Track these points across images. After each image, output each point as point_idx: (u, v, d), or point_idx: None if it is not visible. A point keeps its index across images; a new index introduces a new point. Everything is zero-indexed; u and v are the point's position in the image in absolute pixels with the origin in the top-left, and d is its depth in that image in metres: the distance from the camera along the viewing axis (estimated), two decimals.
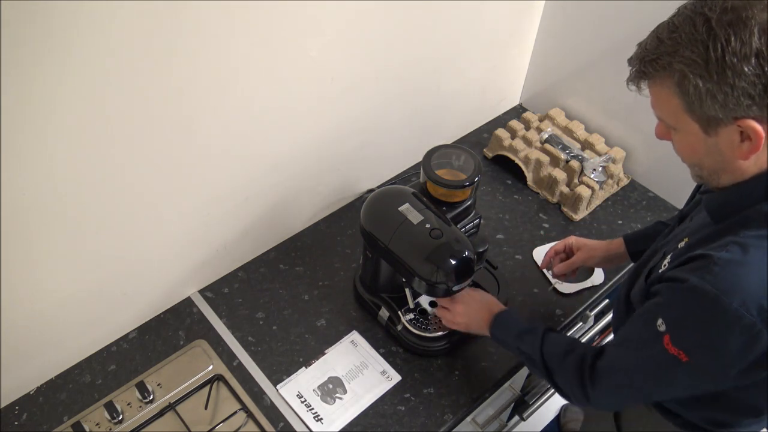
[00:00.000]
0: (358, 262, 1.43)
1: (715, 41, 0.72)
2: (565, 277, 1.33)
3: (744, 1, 0.72)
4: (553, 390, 1.54)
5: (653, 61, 0.78)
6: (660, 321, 0.85)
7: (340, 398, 1.23)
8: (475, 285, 1.38)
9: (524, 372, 1.46)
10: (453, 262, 1.12)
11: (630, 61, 0.84)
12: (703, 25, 0.73)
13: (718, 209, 0.87)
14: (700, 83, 0.74)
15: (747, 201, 0.83)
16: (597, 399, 0.98)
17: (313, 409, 1.21)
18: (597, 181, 1.57)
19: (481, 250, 1.21)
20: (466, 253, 1.13)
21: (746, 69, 0.71)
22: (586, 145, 1.67)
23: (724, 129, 0.78)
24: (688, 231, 0.95)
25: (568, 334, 1.48)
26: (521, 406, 1.57)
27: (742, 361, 0.81)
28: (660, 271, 0.91)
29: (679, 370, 0.85)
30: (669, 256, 0.92)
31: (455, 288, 1.15)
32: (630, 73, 0.84)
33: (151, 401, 1.21)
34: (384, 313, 1.31)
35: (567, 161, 1.60)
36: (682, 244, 0.92)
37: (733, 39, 0.71)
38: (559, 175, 1.58)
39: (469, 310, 1.20)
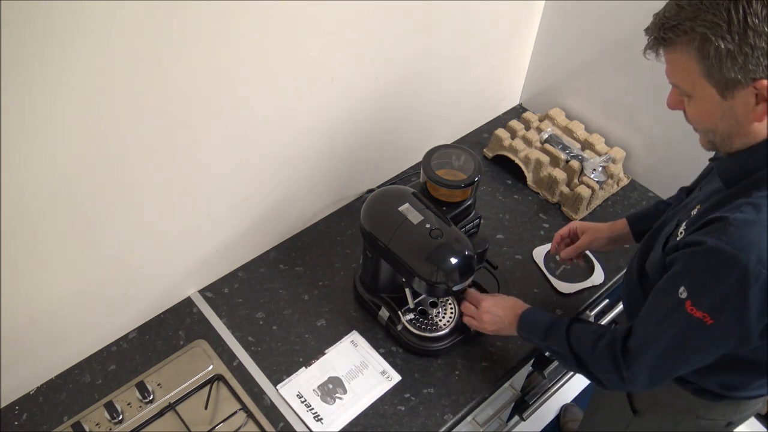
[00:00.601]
0: (358, 262, 1.43)
1: (736, 3, 0.74)
2: (572, 262, 1.33)
3: None
4: (557, 389, 1.54)
5: (674, 27, 0.80)
6: (681, 288, 0.87)
7: (340, 398, 1.23)
8: (475, 285, 1.38)
9: (524, 372, 1.46)
10: (453, 262, 1.12)
11: (647, 30, 0.86)
12: None
13: (730, 173, 0.89)
14: (722, 45, 0.76)
15: (758, 163, 0.86)
16: (634, 380, 0.98)
17: (313, 409, 1.21)
18: (597, 181, 1.57)
19: (481, 250, 1.21)
20: (466, 253, 1.13)
21: (767, 29, 0.74)
22: (586, 145, 1.67)
23: (741, 92, 0.80)
24: (699, 199, 0.97)
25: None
26: (521, 406, 1.57)
27: (764, 318, 0.84)
28: (677, 239, 0.93)
29: (706, 333, 0.87)
30: (684, 224, 0.94)
31: (455, 288, 1.15)
32: (648, 41, 0.86)
33: (151, 401, 1.21)
34: (384, 313, 1.31)
35: (567, 161, 1.60)
36: (694, 212, 0.94)
37: (754, 1, 0.74)
38: (559, 175, 1.58)
39: (496, 318, 1.20)
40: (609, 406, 1.36)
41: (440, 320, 1.30)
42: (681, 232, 0.94)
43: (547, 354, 1.14)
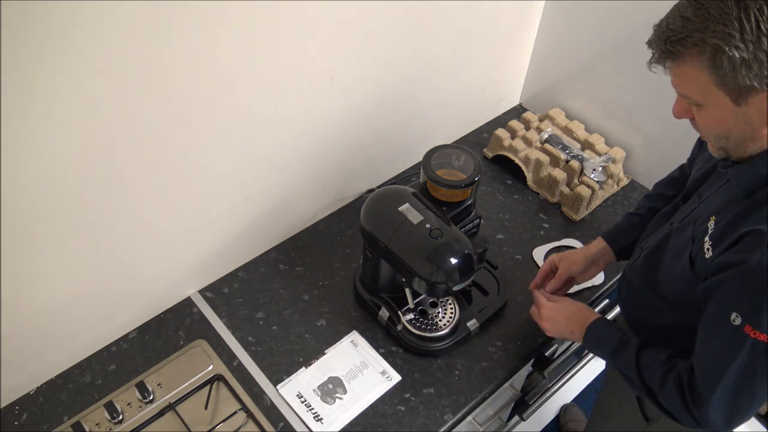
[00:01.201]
0: (358, 262, 1.43)
1: (747, 12, 0.74)
2: (560, 292, 1.31)
3: None
4: (557, 389, 1.54)
5: (682, 39, 0.79)
6: (734, 315, 0.84)
7: (340, 398, 1.23)
8: (476, 285, 1.38)
9: (524, 372, 1.46)
10: (453, 262, 1.12)
11: (651, 43, 0.84)
12: None
13: (749, 181, 0.87)
14: (735, 54, 0.75)
15: None
16: (709, 422, 0.93)
17: (313, 409, 1.21)
18: (597, 181, 1.57)
19: (481, 250, 1.21)
20: (466, 253, 1.13)
21: None
22: (586, 145, 1.67)
23: (755, 97, 0.79)
24: (711, 209, 0.94)
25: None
26: (521, 406, 1.57)
27: None
28: (707, 257, 0.90)
29: None
30: (707, 240, 0.91)
31: (455, 288, 1.15)
32: (653, 54, 0.85)
33: (151, 401, 1.21)
34: (384, 313, 1.31)
35: (567, 161, 1.60)
36: (711, 224, 0.91)
37: (766, 8, 0.73)
38: (559, 175, 1.58)
39: (557, 326, 1.18)
40: (619, 413, 1.34)
41: (440, 320, 1.30)
42: (708, 249, 0.90)
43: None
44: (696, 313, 0.94)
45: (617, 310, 1.53)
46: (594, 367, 1.86)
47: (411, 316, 1.29)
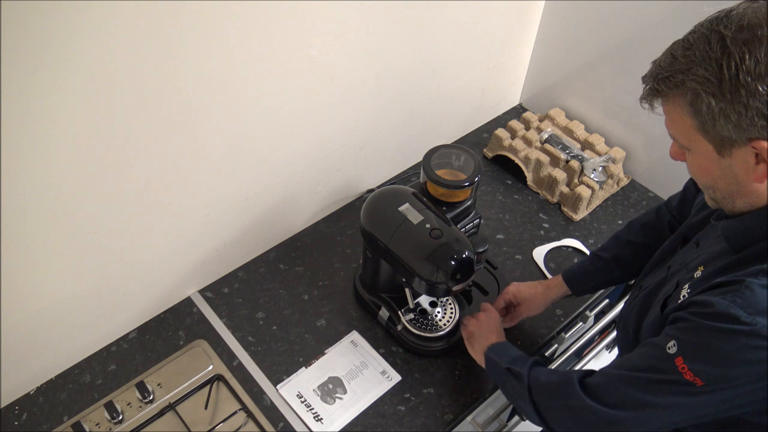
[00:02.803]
0: (358, 262, 1.43)
1: (729, 59, 0.70)
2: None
3: (760, 19, 0.70)
4: None
5: (666, 78, 0.76)
6: (672, 342, 0.80)
7: (340, 398, 1.23)
8: (476, 285, 1.38)
9: None
10: (453, 262, 1.12)
11: (644, 78, 0.82)
12: (718, 42, 0.71)
13: (738, 238, 0.83)
14: (713, 102, 0.72)
15: (766, 228, 0.80)
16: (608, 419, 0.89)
17: (313, 409, 1.21)
18: (597, 181, 1.58)
19: (481, 250, 1.21)
20: (466, 253, 1.13)
21: (761, 88, 0.69)
22: (586, 145, 1.67)
23: (739, 150, 0.75)
24: (701, 259, 0.90)
25: (568, 334, 1.48)
26: None
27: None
28: (679, 302, 0.86)
29: (692, 396, 0.80)
30: (686, 287, 0.87)
31: (455, 288, 1.15)
32: (643, 90, 0.82)
33: (151, 401, 1.21)
34: (384, 313, 1.31)
35: (567, 161, 1.60)
36: (698, 273, 0.87)
37: (747, 57, 0.69)
38: (559, 175, 1.58)
39: (482, 325, 1.20)
40: None
41: (440, 320, 1.30)
42: (684, 296, 0.86)
43: (501, 386, 1.10)
44: None
45: (617, 309, 1.53)
46: (594, 367, 1.86)
47: (411, 316, 1.29)
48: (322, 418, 1.20)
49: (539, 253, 1.50)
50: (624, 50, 1.54)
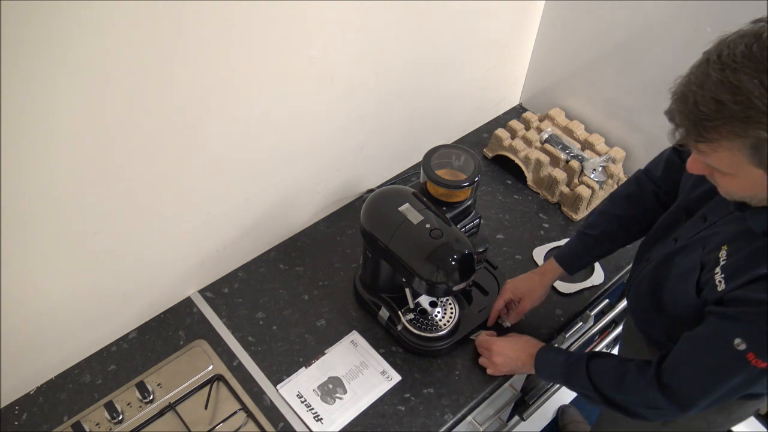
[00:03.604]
0: (358, 262, 1.43)
1: None
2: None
3: None
4: (554, 390, 1.54)
5: (720, 126, 0.73)
6: (738, 341, 0.87)
7: (340, 398, 1.23)
8: (476, 285, 1.38)
9: None
10: (453, 262, 1.12)
11: (673, 117, 0.79)
12: None
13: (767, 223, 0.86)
14: None
15: None
16: (685, 405, 0.98)
17: (313, 409, 1.21)
18: (597, 181, 1.58)
19: (481, 250, 1.21)
20: (467, 253, 1.13)
21: None
22: (586, 145, 1.67)
23: None
24: (720, 238, 0.94)
25: (568, 335, 1.48)
26: (521, 406, 1.57)
27: None
28: (719, 289, 0.90)
29: (766, 378, 0.88)
30: (718, 271, 0.91)
31: (455, 288, 1.15)
32: (678, 131, 0.80)
33: (151, 401, 1.21)
34: (384, 313, 1.31)
35: (567, 161, 1.60)
36: (722, 254, 0.91)
37: None
38: (559, 175, 1.58)
39: (508, 360, 1.22)
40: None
41: (440, 320, 1.30)
42: (719, 282, 0.90)
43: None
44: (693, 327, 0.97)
45: (617, 310, 1.53)
46: None
47: (411, 316, 1.29)
48: (322, 418, 1.20)
49: (539, 253, 1.50)
50: (624, 50, 1.54)
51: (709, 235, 0.97)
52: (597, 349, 1.54)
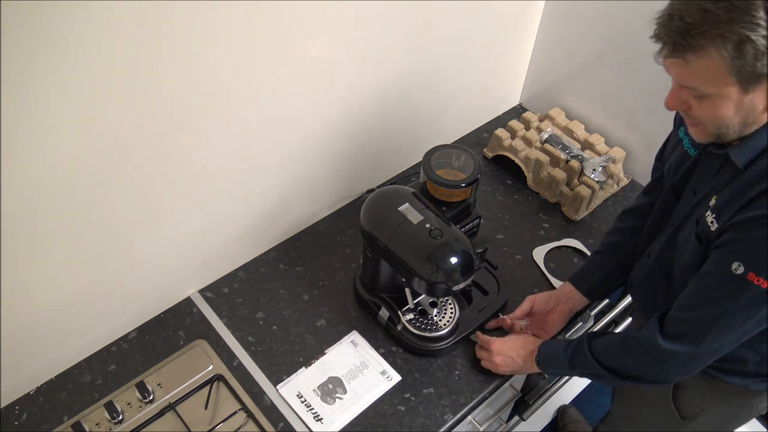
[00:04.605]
0: (358, 262, 1.43)
1: None
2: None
3: None
4: (557, 389, 1.54)
5: (705, 32, 0.79)
6: (736, 264, 0.88)
7: (340, 398, 1.23)
8: (476, 285, 1.38)
9: None
10: (453, 262, 1.12)
11: (660, 37, 0.85)
12: None
13: (748, 155, 0.91)
14: (762, 43, 0.77)
15: None
16: (700, 345, 0.97)
17: (313, 409, 1.21)
18: (597, 181, 1.57)
19: (480, 250, 1.21)
20: (466, 252, 1.13)
21: None
22: (586, 145, 1.67)
23: (762, 84, 0.82)
24: (711, 190, 0.97)
25: (568, 335, 1.48)
26: (521, 406, 1.57)
27: None
28: (714, 229, 0.94)
29: None
30: (709, 215, 0.95)
31: (455, 288, 1.15)
32: (664, 48, 0.85)
33: (151, 401, 1.21)
34: (384, 313, 1.31)
35: (567, 161, 1.60)
36: (713, 201, 0.95)
37: None
38: (559, 175, 1.58)
39: (508, 360, 1.23)
40: (651, 417, 1.36)
41: (440, 320, 1.30)
42: (712, 222, 0.94)
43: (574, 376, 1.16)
44: None
45: (617, 310, 1.53)
46: None
47: (411, 316, 1.29)
48: (322, 418, 1.20)
49: (539, 253, 1.50)
50: (624, 50, 1.54)
51: (701, 199, 1.00)
52: None
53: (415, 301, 1.30)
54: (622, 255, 1.25)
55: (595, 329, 1.52)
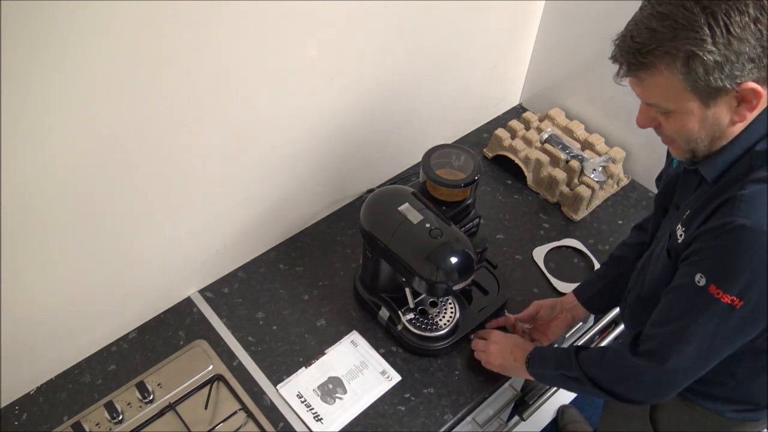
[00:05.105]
0: (358, 262, 1.43)
1: (715, 17, 0.77)
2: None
3: None
4: (554, 390, 1.54)
5: (653, 50, 0.81)
6: (698, 276, 0.88)
7: (340, 398, 1.23)
8: (475, 284, 1.38)
9: None
10: (453, 262, 1.12)
11: (616, 58, 0.88)
12: (696, 6, 0.78)
13: (717, 169, 0.91)
14: (709, 58, 0.78)
15: (740, 151, 0.89)
16: (670, 367, 0.96)
17: (313, 409, 1.21)
18: (597, 181, 1.57)
19: (480, 249, 1.21)
20: (466, 252, 1.13)
21: (748, 35, 0.78)
22: (586, 145, 1.67)
23: (723, 98, 0.83)
24: (685, 206, 0.98)
25: (568, 335, 1.48)
26: (521, 406, 1.57)
27: None
28: (680, 241, 0.94)
29: (736, 317, 0.87)
30: (679, 228, 0.95)
31: (455, 287, 1.15)
32: (621, 68, 0.88)
33: (151, 401, 1.21)
34: (384, 312, 1.31)
35: (567, 161, 1.60)
36: (685, 215, 0.96)
37: (731, 12, 0.77)
38: (559, 175, 1.58)
39: (503, 350, 1.23)
40: (628, 428, 1.36)
41: (440, 320, 1.30)
42: (680, 234, 0.94)
43: (564, 387, 1.15)
44: None
45: (616, 311, 1.53)
46: None
47: (411, 315, 1.29)
48: (322, 418, 1.20)
49: (539, 253, 1.50)
50: None
51: (677, 214, 1.01)
52: None
53: (415, 301, 1.30)
54: (623, 269, 1.24)
55: (595, 329, 1.52)
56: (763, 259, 0.83)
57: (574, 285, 1.42)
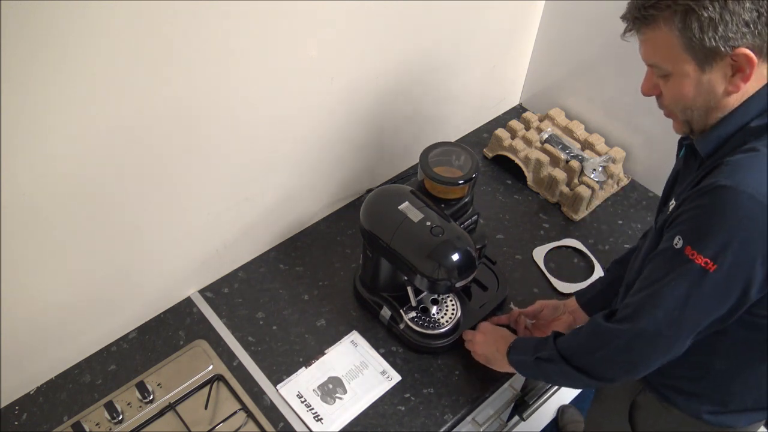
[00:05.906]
0: (358, 262, 1.43)
1: None
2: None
3: None
4: (557, 389, 1.54)
5: (656, 4, 0.84)
6: (677, 239, 0.88)
7: (340, 398, 1.23)
8: (475, 281, 1.38)
9: None
10: (455, 259, 1.12)
11: (625, 16, 0.90)
12: None
13: (710, 145, 0.93)
14: (704, 14, 0.80)
15: (733, 128, 0.90)
16: (642, 326, 0.93)
17: (313, 409, 1.21)
18: (597, 181, 1.58)
19: (479, 246, 1.21)
20: (468, 249, 1.13)
21: None
22: (586, 145, 1.67)
23: (719, 63, 0.85)
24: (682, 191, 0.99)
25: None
26: (521, 406, 1.57)
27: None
28: (669, 212, 0.95)
29: (712, 281, 0.86)
30: (672, 202, 0.96)
31: (457, 284, 1.15)
32: (627, 24, 0.90)
33: (151, 401, 1.21)
34: (386, 312, 1.31)
35: (567, 161, 1.60)
36: (680, 191, 0.97)
37: None
38: (559, 175, 1.58)
39: (488, 340, 1.23)
40: (609, 427, 1.36)
41: (442, 317, 1.30)
42: (671, 207, 0.96)
43: (539, 373, 1.14)
44: None
45: None
46: None
47: (413, 314, 1.29)
48: (322, 418, 1.20)
49: (539, 253, 1.50)
50: (624, 50, 1.53)
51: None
52: None
53: (417, 299, 1.30)
54: (623, 271, 1.23)
55: None
56: (739, 219, 0.82)
57: (574, 285, 1.43)
